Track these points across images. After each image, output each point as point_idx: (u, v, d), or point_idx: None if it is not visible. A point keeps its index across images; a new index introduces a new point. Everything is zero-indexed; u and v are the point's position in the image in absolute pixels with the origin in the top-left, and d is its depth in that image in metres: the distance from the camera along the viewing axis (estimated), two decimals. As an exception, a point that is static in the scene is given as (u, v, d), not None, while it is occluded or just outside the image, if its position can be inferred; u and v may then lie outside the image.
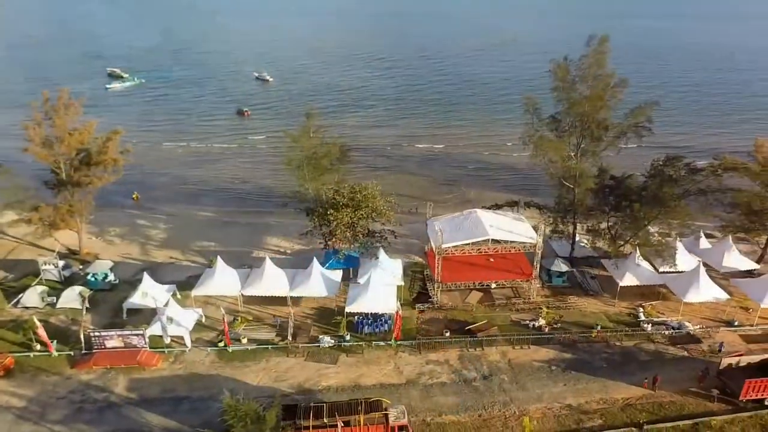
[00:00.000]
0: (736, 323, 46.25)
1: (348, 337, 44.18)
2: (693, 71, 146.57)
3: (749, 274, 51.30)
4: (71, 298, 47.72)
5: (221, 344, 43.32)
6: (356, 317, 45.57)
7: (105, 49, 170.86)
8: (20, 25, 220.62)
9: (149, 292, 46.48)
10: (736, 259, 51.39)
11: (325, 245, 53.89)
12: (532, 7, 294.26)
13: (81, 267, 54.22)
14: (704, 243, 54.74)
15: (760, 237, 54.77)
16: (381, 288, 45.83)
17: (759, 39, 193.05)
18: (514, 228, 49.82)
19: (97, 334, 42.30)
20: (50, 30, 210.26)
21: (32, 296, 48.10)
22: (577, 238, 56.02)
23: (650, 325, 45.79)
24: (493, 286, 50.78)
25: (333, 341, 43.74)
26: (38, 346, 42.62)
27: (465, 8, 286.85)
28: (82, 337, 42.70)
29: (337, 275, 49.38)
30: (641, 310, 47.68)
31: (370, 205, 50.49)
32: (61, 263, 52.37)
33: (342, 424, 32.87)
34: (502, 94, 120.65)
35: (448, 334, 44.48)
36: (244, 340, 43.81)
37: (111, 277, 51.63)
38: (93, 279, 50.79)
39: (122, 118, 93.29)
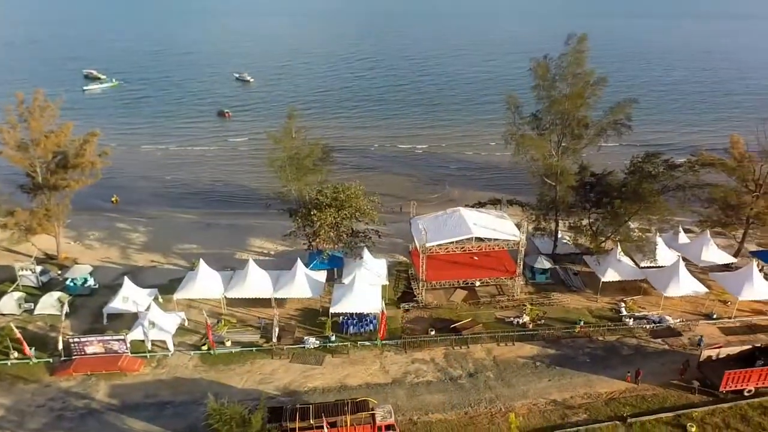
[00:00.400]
0: (714, 316, 47.11)
1: (333, 338, 44.00)
2: (671, 70, 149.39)
3: (727, 267, 52.34)
4: (49, 304, 46.81)
5: (205, 347, 42.85)
6: (341, 317, 45.41)
7: (81, 51, 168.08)
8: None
9: (130, 297, 45.74)
10: (714, 253, 52.37)
11: (309, 246, 53.62)
12: (514, 6, 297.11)
13: (59, 272, 53.16)
14: (683, 238, 55.74)
15: (737, 231, 55.91)
16: (366, 288, 45.74)
17: (735, 38, 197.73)
18: (498, 226, 50.16)
19: (76, 340, 41.51)
20: (24, 30, 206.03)
21: (9, 303, 47.03)
22: (559, 235, 56.65)
23: (632, 319, 46.42)
24: (478, 284, 50.99)
25: (318, 342, 43.54)
26: (16, 354, 41.62)
27: (447, 8, 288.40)
28: (61, 343, 41.84)
29: (321, 276, 49.10)
30: (623, 305, 48.31)
31: (353, 205, 50.36)
32: (38, 268, 51.30)
33: (328, 425, 32.70)
34: (484, 94, 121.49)
35: (433, 333, 44.55)
36: (228, 343, 43.37)
37: (90, 281, 50.72)
38: (72, 284, 49.84)
39: (100, 120, 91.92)
